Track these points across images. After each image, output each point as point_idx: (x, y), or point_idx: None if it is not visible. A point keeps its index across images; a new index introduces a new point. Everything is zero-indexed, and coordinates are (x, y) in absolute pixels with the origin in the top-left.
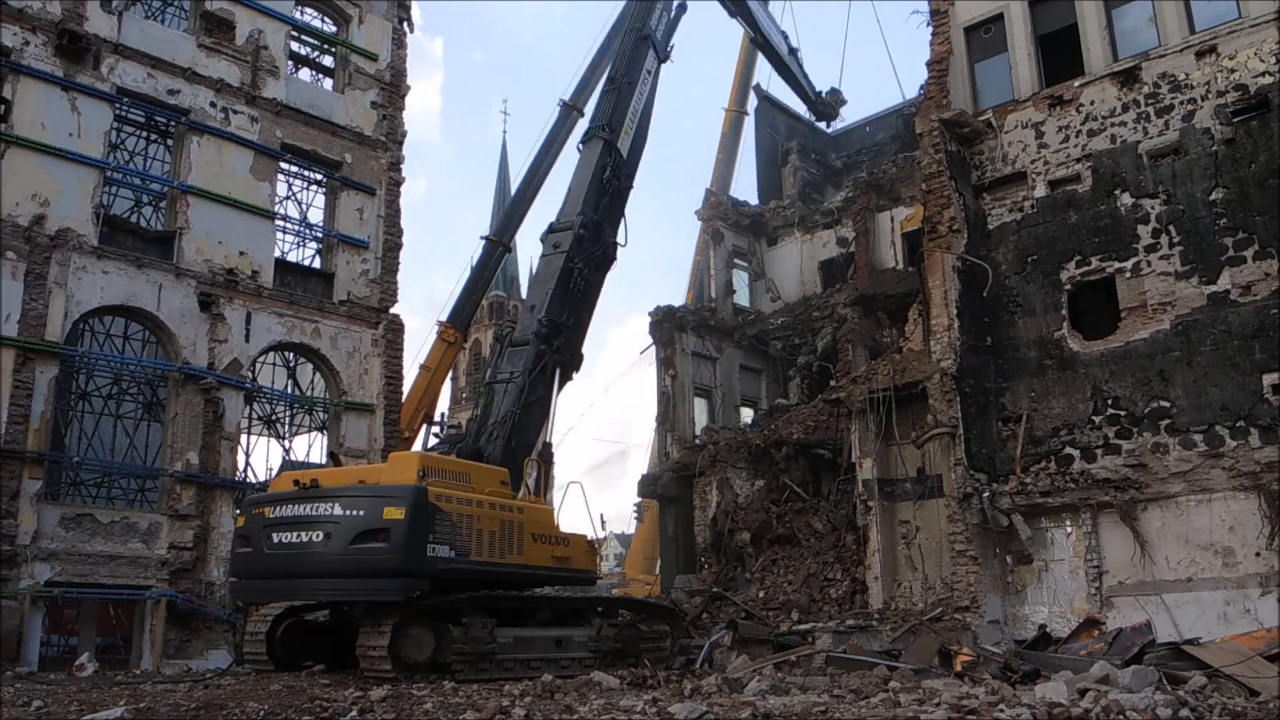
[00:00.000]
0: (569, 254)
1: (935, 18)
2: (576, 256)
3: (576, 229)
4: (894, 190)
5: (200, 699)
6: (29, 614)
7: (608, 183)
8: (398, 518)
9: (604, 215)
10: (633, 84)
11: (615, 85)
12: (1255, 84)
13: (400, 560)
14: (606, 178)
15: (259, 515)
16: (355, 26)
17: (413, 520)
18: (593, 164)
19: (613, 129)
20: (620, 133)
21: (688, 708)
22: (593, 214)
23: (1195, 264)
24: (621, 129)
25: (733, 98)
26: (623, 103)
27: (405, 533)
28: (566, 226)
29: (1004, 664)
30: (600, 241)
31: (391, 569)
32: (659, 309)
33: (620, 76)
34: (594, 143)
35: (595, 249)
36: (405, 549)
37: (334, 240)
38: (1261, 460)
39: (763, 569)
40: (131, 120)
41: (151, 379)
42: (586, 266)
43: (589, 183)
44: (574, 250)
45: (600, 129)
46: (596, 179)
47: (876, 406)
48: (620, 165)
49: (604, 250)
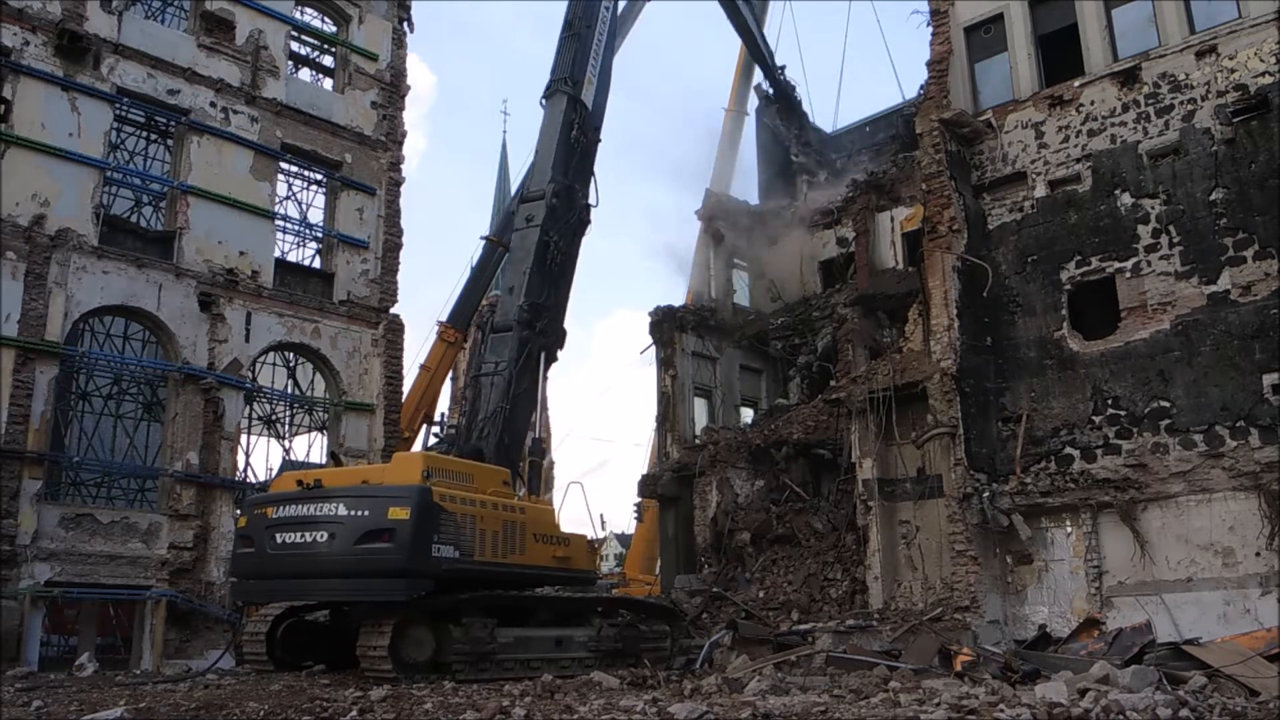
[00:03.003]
0: (543, 227)
1: (935, 18)
2: (551, 229)
3: (549, 198)
4: (894, 190)
5: (200, 699)
6: (29, 614)
7: (575, 141)
8: (403, 518)
9: (574, 177)
10: (591, 27)
11: (573, 30)
12: (1255, 84)
13: (406, 560)
14: (574, 136)
15: (262, 515)
16: (355, 26)
17: (418, 520)
18: (558, 123)
19: (575, 80)
20: (583, 83)
21: (688, 708)
22: (563, 178)
23: (1195, 264)
24: (584, 79)
25: (733, 98)
26: (583, 50)
27: (410, 533)
28: (538, 195)
29: (1004, 664)
30: (574, 207)
31: (397, 569)
32: (659, 309)
33: (578, 20)
34: (557, 99)
35: (570, 216)
36: (411, 549)
37: (334, 240)
38: (1261, 460)
39: (763, 569)
40: (131, 120)
41: (151, 379)
42: (562, 238)
43: (556, 144)
44: (547, 223)
45: (562, 82)
46: (564, 140)
47: (876, 406)
48: (586, 119)
49: (578, 216)
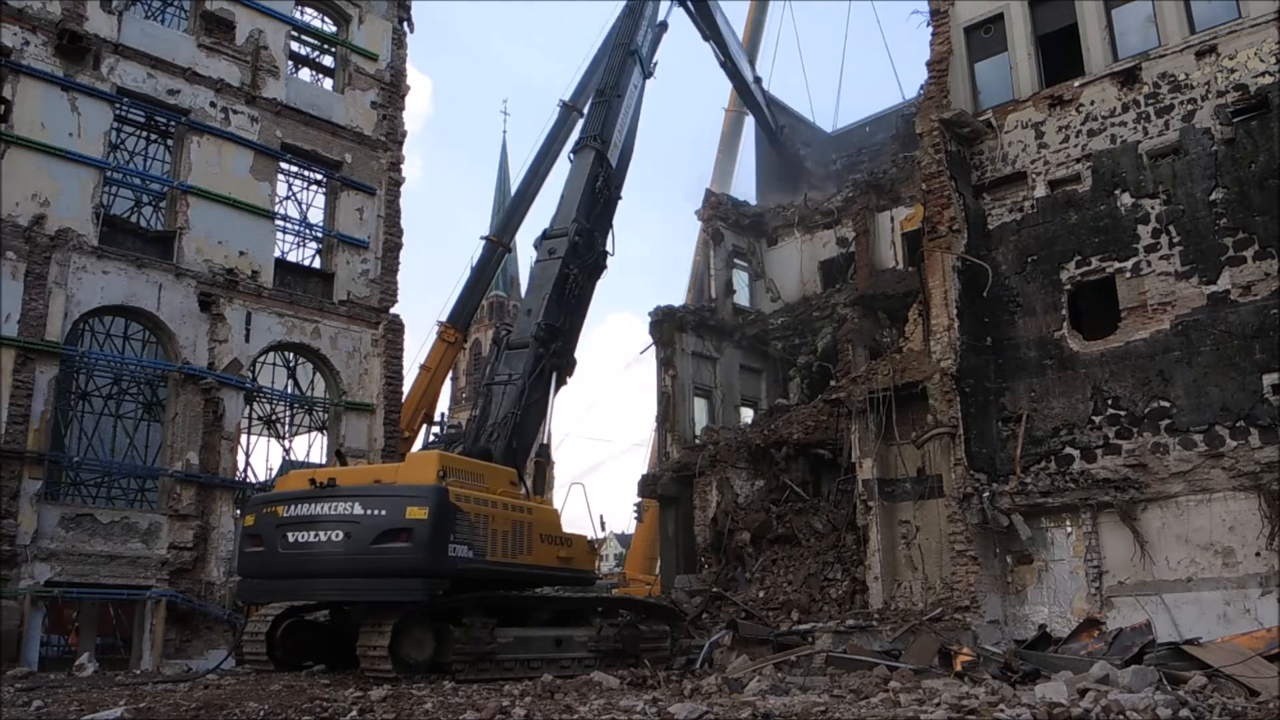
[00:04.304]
0: (564, 260)
1: (935, 18)
2: (572, 263)
3: (572, 236)
4: (894, 190)
5: (200, 699)
6: (29, 614)
7: (599, 192)
8: (421, 518)
9: (596, 224)
10: (620, 96)
11: (604, 98)
12: (1255, 84)
13: (424, 560)
14: (599, 188)
15: (271, 514)
16: (355, 26)
17: (436, 520)
18: (585, 173)
19: (604, 140)
20: (610, 144)
21: (688, 708)
22: (586, 222)
23: (1195, 264)
24: (611, 140)
25: (733, 98)
26: (612, 115)
27: (428, 533)
28: (561, 234)
29: (1004, 664)
30: (593, 249)
31: (414, 569)
32: (659, 309)
33: (609, 89)
34: (585, 153)
35: (589, 256)
36: (429, 549)
37: (334, 240)
38: (1261, 460)
39: (763, 569)
40: (131, 120)
41: (151, 379)
42: (581, 273)
43: (582, 192)
44: (569, 256)
45: (592, 139)
46: (589, 188)
47: (876, 406)
48: (610, 175)
49: (596, 258)
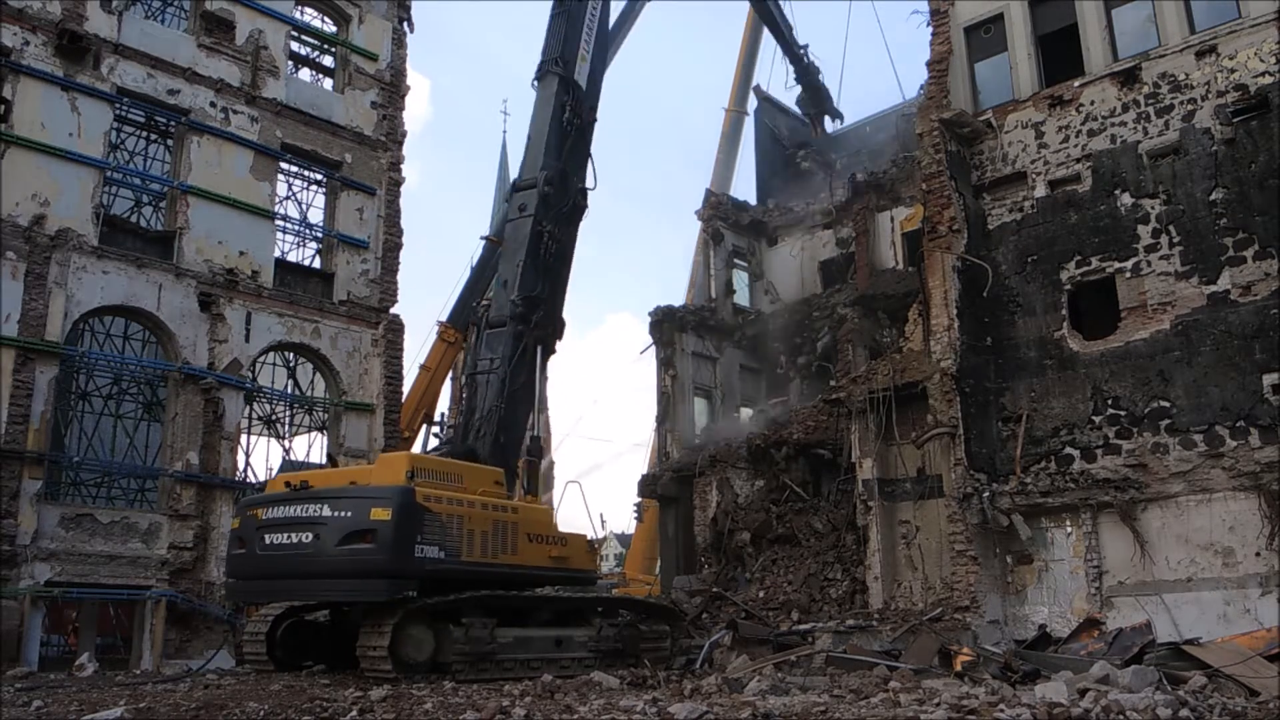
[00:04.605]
0: (535, 216)
1: (935, 18)
2: (544, 218)
3: (541, 186)
4: (894, 190)
5: (200, 699)
6: (29, 614)
7: (568, 124)
8: (384, 518)
9: (569, 162)
10: (583, 1)
11: (564, 7)
12: (1255, 84)
13: (387, 561)
14: (567, 119)
15: (252, 517)
16: (355, 26)
17: (399, 521)
18: (550, 106)
19: (566, 60)
20: (575, 63)
21: (688, 708)
22: (556, 163)
23: (1195, 264)
24: (576, 58)
25: (733, 98)
26: (574, 27)
27: (392, 533)
28: (530, 184)
29: (1004, 664)
30: (568, 193)
31: (378, 569)
32: (659, 309)
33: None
34: (548, 81)
35: (563, 204)
36: (392, 549)
37: (334, 240)
38: (1261, 460)
39: (763, 569)
40: (131, 120)
41: (151, 379)
42: (556, 226)
43: (548, 129)
44: (540, 211)
45: (552, 63)
46: (556, 123)
47: (876, 406)
48: (580, 100)
49: (572, 202)
